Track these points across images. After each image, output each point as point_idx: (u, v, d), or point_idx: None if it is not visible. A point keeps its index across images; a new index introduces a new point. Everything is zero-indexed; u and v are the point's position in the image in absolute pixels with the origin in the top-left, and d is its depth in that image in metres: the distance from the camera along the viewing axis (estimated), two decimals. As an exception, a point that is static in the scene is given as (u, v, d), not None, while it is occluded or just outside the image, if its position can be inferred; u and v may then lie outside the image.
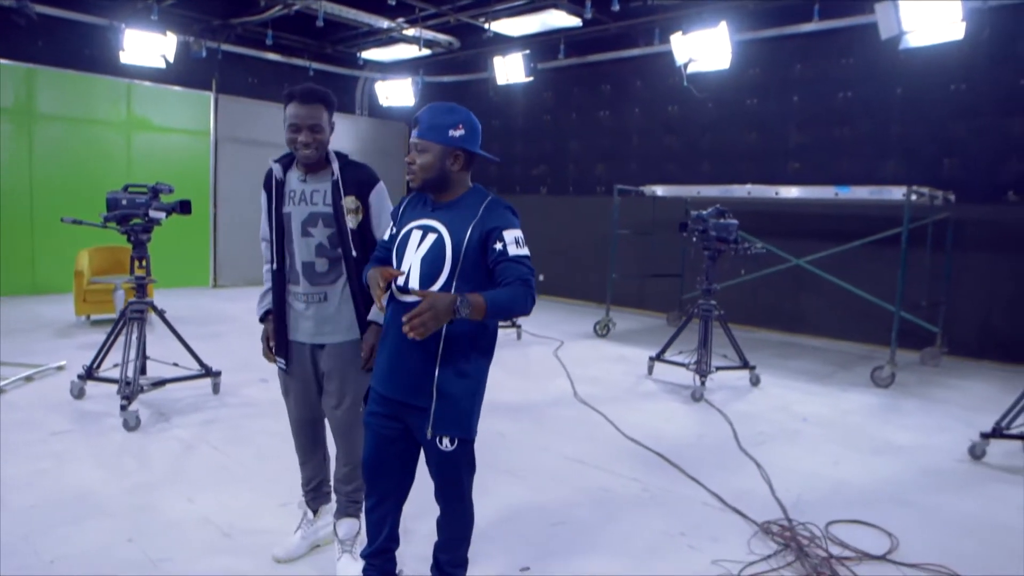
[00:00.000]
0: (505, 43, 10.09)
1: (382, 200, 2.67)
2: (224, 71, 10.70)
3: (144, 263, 4.72)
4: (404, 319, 1.89)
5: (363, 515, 2.86)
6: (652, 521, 3.32)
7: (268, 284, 2.78)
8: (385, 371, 2.24)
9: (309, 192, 2.63)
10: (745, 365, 6.02)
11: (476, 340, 2.16)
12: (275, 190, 2.67)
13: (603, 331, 8.12)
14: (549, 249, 10.56)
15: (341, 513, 2.82)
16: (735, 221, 5.83)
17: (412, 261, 2.14)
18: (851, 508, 3.52)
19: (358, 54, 11.26)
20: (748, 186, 7.50)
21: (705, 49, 8.06)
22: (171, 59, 9.17)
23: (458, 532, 2.36)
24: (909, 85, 7.70)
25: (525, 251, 2.08)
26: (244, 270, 11.01)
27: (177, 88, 10.30)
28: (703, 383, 5.56)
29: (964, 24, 6.38)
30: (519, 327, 7.72)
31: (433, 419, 2.12)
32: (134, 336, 4.61)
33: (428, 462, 2.25)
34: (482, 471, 2.35)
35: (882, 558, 3.01)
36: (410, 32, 9.96)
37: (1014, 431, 4.30)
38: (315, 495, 2.95)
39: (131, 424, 4.23)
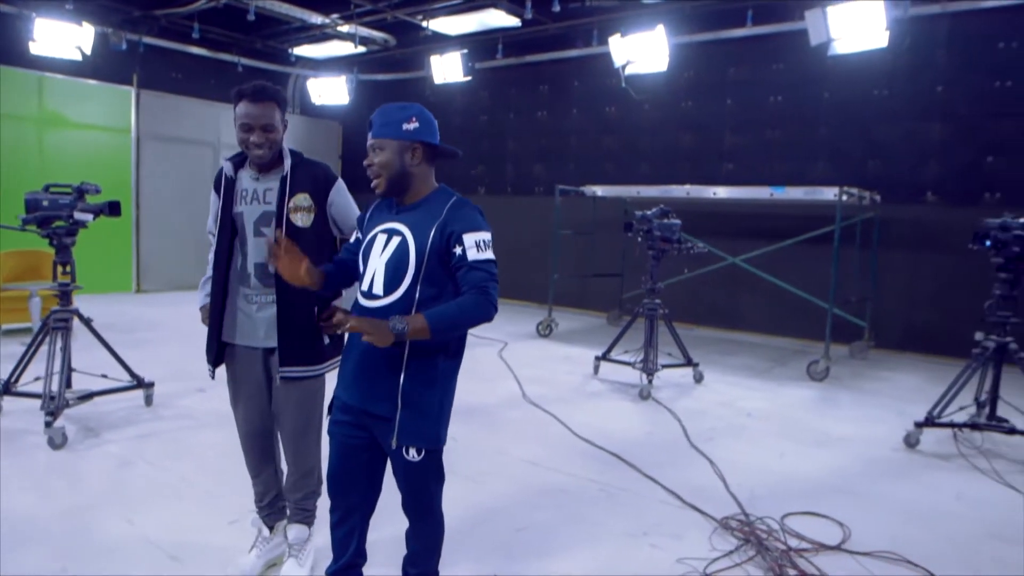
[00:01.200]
0: (442, 42, 9.99)
1: (346, 196, 2.61)
2: (146, 65, 10.18)
3: (68, 268, 4.41)
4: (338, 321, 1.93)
5: (315, 524, 2.79)
6: (614, 522, 3.31)
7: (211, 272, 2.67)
8: (350, 379, 2.16)
9: (262, 191, 2.54)
10: (689, 363, 6.12)
11: (444, 344, 2.09)
12: (225, 189, 2.56)
13: (546, 331, 8.13)
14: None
15: (292, 520, 2.75)
16: (678, 221, 5.92)
17: (376, 266, 2.08)
18: (802, 500, 3.62)
19: (290, 50, 10.92)
20: (687, 186, 7.65)
21: (643, 51, 8.18)
22: (88, 51, 8.65)
23: (428, 544, 2.28)
24: (836, 90, 8.02)
25: (487, 254, 2.01)
26: (170, 274, 10.52)
27: (94, 82, 9.74)
28: (650, 381, 5.62)
29: (888, 33, 6.70)
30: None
31: (398, 429, 2.04)
32: (58, 346, 4.31)
33: (395, 472, 2.17)
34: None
35: (837, 548, 3.10)
36: (345, 29, 9.73)
37: (944, 420, 4.52)
38: (270, 511, 2.81)
39: (57, 441, 3.94)
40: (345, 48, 10.47)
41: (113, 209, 4.31)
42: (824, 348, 6.48)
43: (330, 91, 11.14)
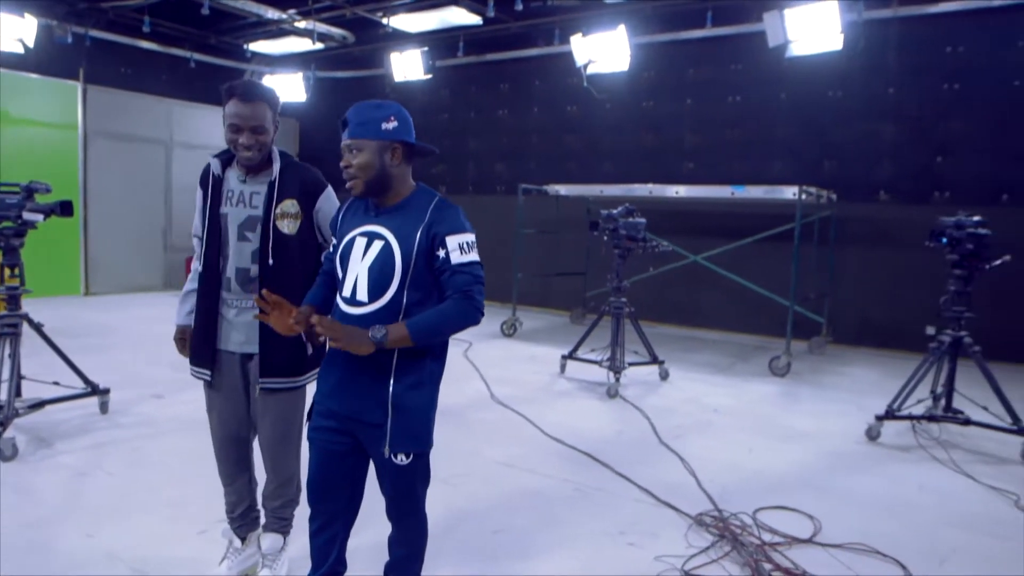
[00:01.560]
0: (402, 39, 9.88)
1: (334, 204, 2.50)
2: (93, 59, 9.82)
3: (16, 271, 4.20)
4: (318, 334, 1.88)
5: (290, 534, 2.71)
6: (590, 522, 3.31)
7: (193, 285, 2.57)
8: (335, 385, 2.09)
9: (248, 194, 2.45)
10: (655, 360, 6.18)
11: (430, 348, 2.04)
12: (212, 188, 2.47)
13: (510, 331, 8.11)
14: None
15: (267, 528, 2.67)
16: (643, 220, 5.97)
17: (359, 271, 2.02)
18: (772, 495, 3.67)
19: (245, 46, 10.67)
20: (649, 185, 7.72)
21: (604, 51, 8.23)
22: (30, 45, 8.30)
23: (412, 549, 2.23)
24: (792, 91, 8.19)
25: (471, 256, 1.97)
26: (120, 276, 10.18)
27: (38, 77, 9.34)
28: (618, 380, 5.65)
29: (843, 36, 6.86)
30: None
31: (390, 436, 2.00)
32: (6, 353, 4.10)
33: (381, 478, 2.12)
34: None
35: (809, 541, 3.15)
36: (302, 25, 9.54)
37: (903, 413, 4.65)
38: (242, 522, 2.72)
39: (7, 453, 3.76)
40: (302, 44, 10.27)
41: (65, 209, 4.13)
42: (785, 344, 6.61)
43: (286, 88, 10.91)
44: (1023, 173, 7.09)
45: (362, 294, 1.99)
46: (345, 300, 2.04)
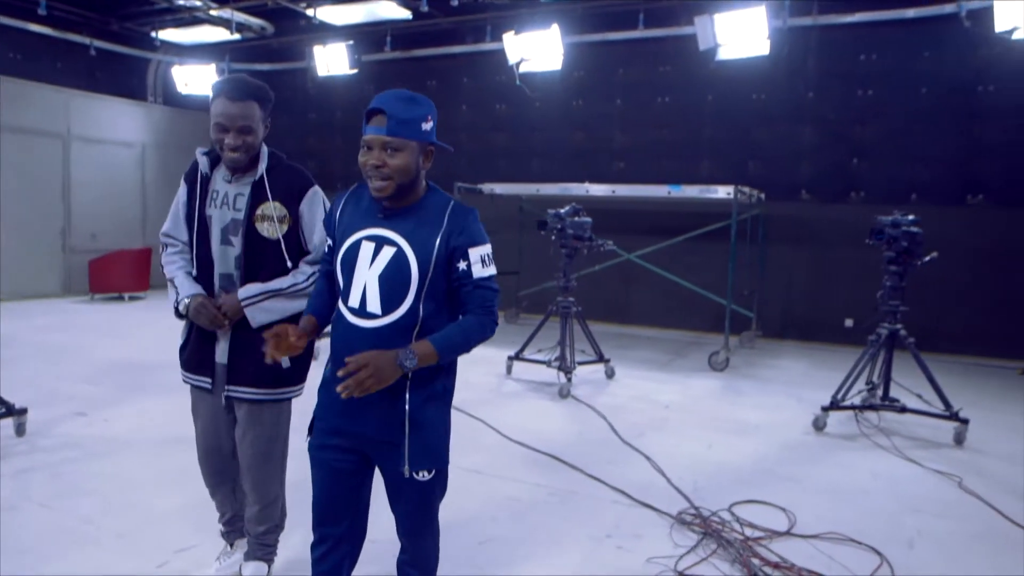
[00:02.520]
0: (324, 32, 9.52)
1: (315, 207, 2.35)
2: (-23, 44, 8.93)
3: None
4: (339, 388, 1.72)
5: (274, 563, 2.54)
6: (573, 527, 3.25)
7: (178, 264, 2.42)
8: (344, 401, 1.89)
9: (232, 196, 2.32)
10: (601, 359, 6.21)
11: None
12: (200, 186, 2.35)
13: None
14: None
15: (250, 556, 2.52)
16: (589, 219, 5.98)
17: (367, 280, 1.85)
18: (740, 489, 3.74)
19: (153, 33, 9.97)
20: (586, 184, 7.76)
21: (537, 49, 8.22)
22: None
23: (428, 567, 2.10)
24: (719, 93, 8.46)
25: (492, 270, 1.88)
26: (14, 281, 9.30)
27: (-88, 61, 8.41)
28: (569, 379, 5.63)
29: (769, 41, 7.13)
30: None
31: (409, 455, 1.87)
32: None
33: (397, 496, 1.98)
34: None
35: (788, 534, 3.22)
36: (217, 13, 9.01)
37: (846, 403, 4.86)
38: (228, 528, 2.64)
39: (-86, 486, 3.32)
40: (217, 34, 9.71)
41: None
42: (724, 340, 6.80)
43: (198, 79, 10.29)
44: (929, 174, 7.61)
45: (374, 306, 1.84)
46: (353, 311, 1.87)
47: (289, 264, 2.33)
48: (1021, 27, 6.25)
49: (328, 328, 2.05)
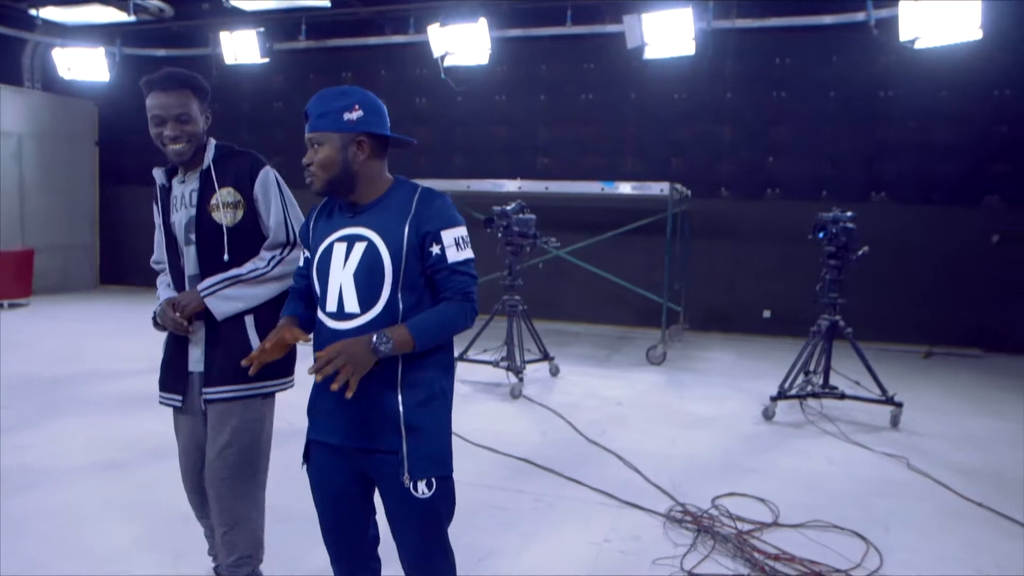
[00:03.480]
0: (230, 17, 8.93)
1: (268, 188, 2.24)
2: None
3: None
4: (310, 370, 1.64)
5: None
6: (569, 533, 3.18)
7: (164, 283, 2.39)
8: (331, 413, 1.82)
9: (188, 193, 2.25)
10: (546, 356, 6.18)
11: (436, 354, 1.82)
12: (161, 200, 2.30)
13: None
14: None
15: None
16: (533, 216, 5.92)
17: (341, 280, 1.78)
18: (714, 482, 3.79)
19: (32, 11, 8.98)
20: (518, 181, 7.70)
21: (463, 43, 8.07)
22: None
23: None
24: (642, 92, 8.63)
25: (467, 254, 1.81)
26: None
27: None
28: (520, 379, 5.56)
29: (694, 42, 7.33)
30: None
31: (408, 462, 1.75)
32: None
33: (398, 517, 1.83)
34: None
35: (775, 524, 3.29)
36: (110, -9, 8.25)
37: (791, 393, 5.06)
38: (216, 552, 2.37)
39: None
40: (107, 14, 8.87)
41: None
42: (661, 334, 6.96)
43: (84, 64, 9.39)
44: (837, 172, 8.10)
45: (351, 305, 1.76)
46: (332, 315, 1.79)
47: (227, 256, 2.23)
48: (921, 37, 6.75)
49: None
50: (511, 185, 7.63)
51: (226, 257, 2.20)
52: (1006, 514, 3.48)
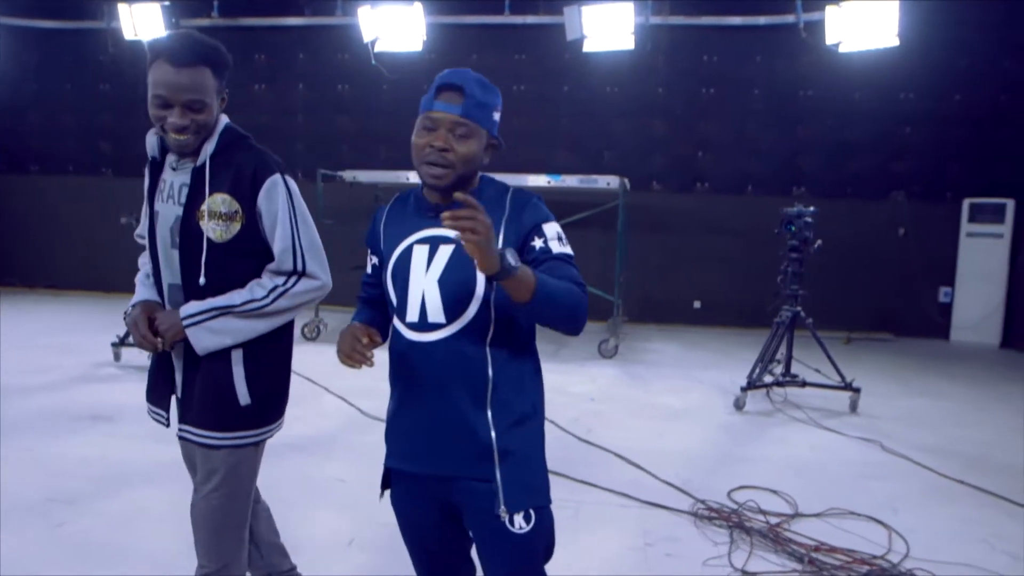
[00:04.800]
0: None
1: (275, 201, 1.84)
2: None
3: None
4: (447, 215, 1.30)
5: None
6: (605, 540, 3.09)
7: (144, 270, 2.04)
8: (411, 438, 1.65)
9: (178, 186, 1.85)
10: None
11: (526, 363, 1.68)
12: (150, 175, 1.90)
13: (312, 334, 7.25)
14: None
15: None
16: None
17: (424, 287, 1.59)
18: (718, 474, 3.83)
19: None
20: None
21: (395, 27, 7.74)
22: None
23: None
24: (575, 84, 8.63)
25: (570, 250, 1.62)
26: None
27: None
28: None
29: (634, 36, 7.40)
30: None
31: (503, 493, 1.56)
32: None
33: (486, 552, 1.64)
34: (375, 538, 1.75)
35: (797, 515, 3.35)
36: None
37: (759, 383, 5.22)
38: None
39: None
40: (-21, -22, 7.79)
41: None
42: (612, 327, 6.99)
43: (-53, 34, 8.21)
44: (761, 167, 8.47)
45: (435, 314, 1.57)
46: (412, 326, 1.60)
47: (202, 280, 1.85)
48: (845, 41, 7.17)
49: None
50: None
51: (201, 280, 1.81)
52: (985, 488, 3.73)
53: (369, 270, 1.81)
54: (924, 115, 8.09)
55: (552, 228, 1.59)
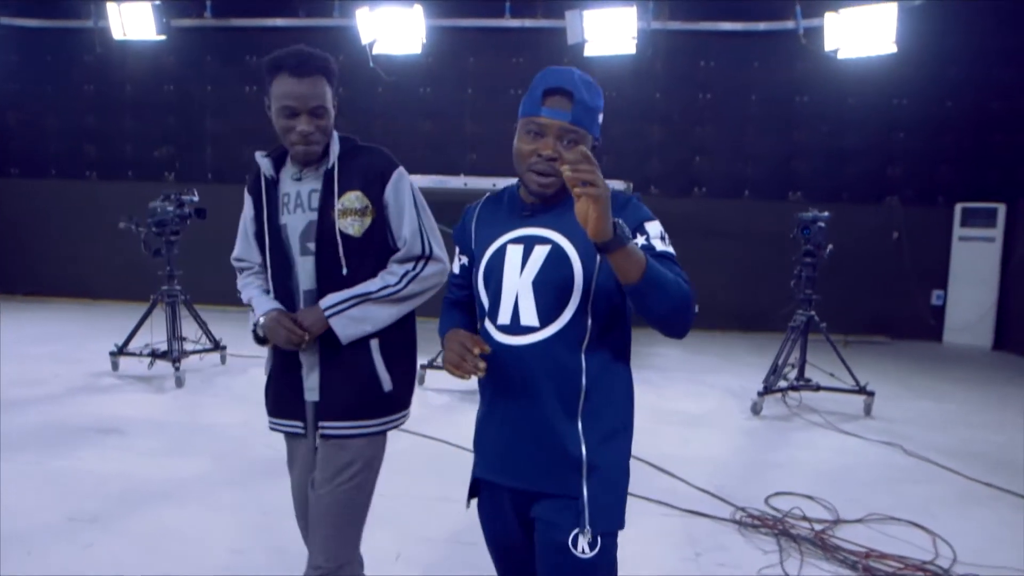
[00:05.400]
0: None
1: (402, 193, 1.94)
2: None
3: None
4: (566, 165, 1.24)
5: None
6: (653, 550, 3.04)
7: (254, 285, 2.05)
8: (497, 446, 1.60)
9: (306, 194, 1.94)
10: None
11: (621, 375, 1.60)
12: (267, 194, 1.97)
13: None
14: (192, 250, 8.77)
15: None
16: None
17: (518, 289, 1.53)
18: (750, 481, 3.81)
19: None
20: (462, 177, 7.38)
21: (394, 29, 7.65)
22: None
23: None
24: (573, 89, 8.60)
25: (673, 251, 1.53)
26: None
27: None
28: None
29: (635, 41, 7.41)
30: (223, 349, 6.20)
31: (589, 511, 1.48)
32: None
33: (546, 571, 1.55)
34: (421, 553, 1.76)
35: (838, 521, 3.34)
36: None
37: (776, 387, 5.23)
38: None
39: None
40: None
41: None
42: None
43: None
44: (758, 172, 8.54)
45: (528, 317, 1.52)
46: (504, 329, 1.54)
47: (345, 271, 1.94)
48: (842, 48, 7.26)
49: None
50: (456, 182, 7.31)
51: (344, 271, 1.89)
52: (1015, 491, 3.77)
53: (457, 270, 1.76)
54: (917, 121, 8.23)
55: (655, 227, 1.52)
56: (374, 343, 1.92)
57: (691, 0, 8.11)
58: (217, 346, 6.08)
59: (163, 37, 7.95)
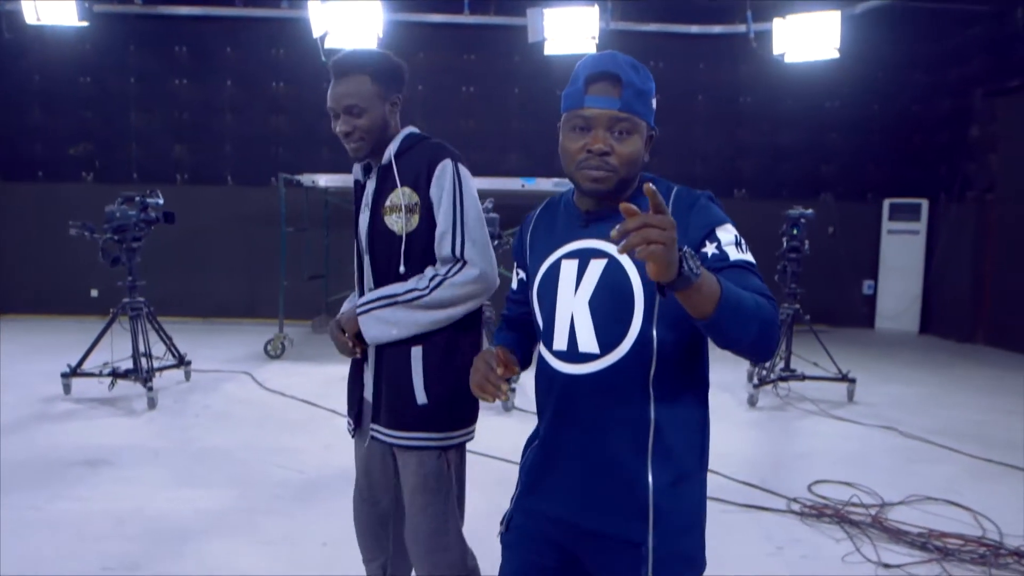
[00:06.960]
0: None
1: (443, 184, 1.81)
2: None
3: None
4: (616, 232, 1.03)
5: None
6: (733, 547, 3.07)
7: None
8: (557, 478, 1.41)
9: (370, 193, 1.94)
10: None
11: (696, 409, 1.40)
12: (355, 196, 2.01)
13: (277, 351, 6.70)
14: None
15: None
16: (496, 215, 5.59)
17: (574, 309, 1.36)
18: (783, 470, 3.94)
19: None
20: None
21: (349, 23, 7.34)
22: None
23: None
24: (526, 86, 8.59)
25: (751, 257, 1.33)
26: None
27: None
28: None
29: (595, 40, 7.46)
30: (188, 365, 5.71)
31: (654, 561, 1.32)
32: None
33: None
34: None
35: (884, 504, 3.49)
36: None
37: (769, 378, 5.42)
38: None
39: None
40: None
41: None
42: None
43: None
44: (706, 171, 8.85)
45: (587, 343, 1.33)
46: (561, 355, 1.37)
47: (402, 268, 1.92)
48: (789, 52, 7.62)
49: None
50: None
51: (402, 268, 1.84)
52: (1017, 465, 4.08)
53: (515, 285, 1.61)
54: (848, 122, 8.79)
55: (728, 232, 1.32)
56: (416, 352, 1.83)
57: (643, 1, 8.26)
58: (182, 361, 5.60)
59: (85, 23, 7.23)
